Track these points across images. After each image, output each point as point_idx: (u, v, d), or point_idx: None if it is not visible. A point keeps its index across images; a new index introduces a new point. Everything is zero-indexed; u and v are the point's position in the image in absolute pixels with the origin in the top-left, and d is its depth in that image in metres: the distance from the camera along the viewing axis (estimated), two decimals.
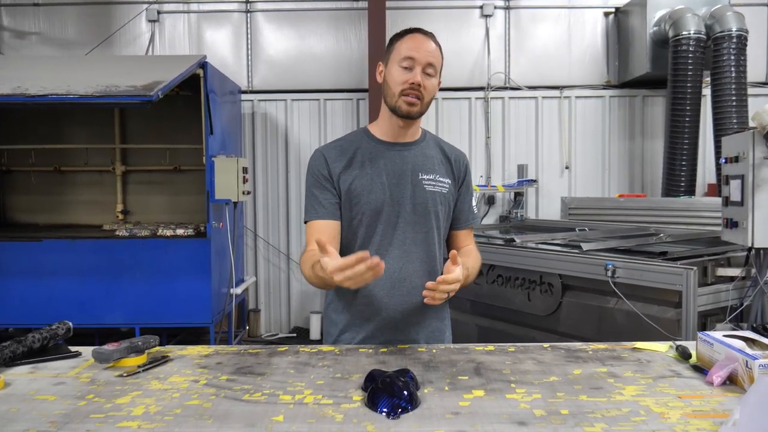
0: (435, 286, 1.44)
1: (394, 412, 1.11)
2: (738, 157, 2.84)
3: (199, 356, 1.52)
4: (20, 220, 5.86)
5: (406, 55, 1.62)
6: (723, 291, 2.85)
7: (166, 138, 5.56)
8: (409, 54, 1.61)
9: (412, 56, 1.61)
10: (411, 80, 1.61)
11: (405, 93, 1.62)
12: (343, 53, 6.06)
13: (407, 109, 1.64)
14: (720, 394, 1.21)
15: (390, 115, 1.69)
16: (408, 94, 1.62)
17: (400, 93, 1.63)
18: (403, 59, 1.62)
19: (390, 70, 1.66)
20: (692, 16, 5.05)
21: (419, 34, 1.66)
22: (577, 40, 6.06)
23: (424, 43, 1.63)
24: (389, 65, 1.67)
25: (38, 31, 6.10)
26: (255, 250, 6.09)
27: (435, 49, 1.65)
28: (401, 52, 1.63)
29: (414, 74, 1.61)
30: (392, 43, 1.69)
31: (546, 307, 3.32)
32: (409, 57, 1.61)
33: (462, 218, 1.82)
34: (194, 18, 6.11)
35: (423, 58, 1.61)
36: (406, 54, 1.62)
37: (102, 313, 4.57)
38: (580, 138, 6.05)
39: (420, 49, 1.62)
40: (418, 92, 1.62)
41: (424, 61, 1.61)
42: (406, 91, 1.62)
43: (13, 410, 1.15)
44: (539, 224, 4.98)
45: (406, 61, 1.62)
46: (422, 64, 1.61)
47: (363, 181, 1.68)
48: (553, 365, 1.42)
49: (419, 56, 1.61)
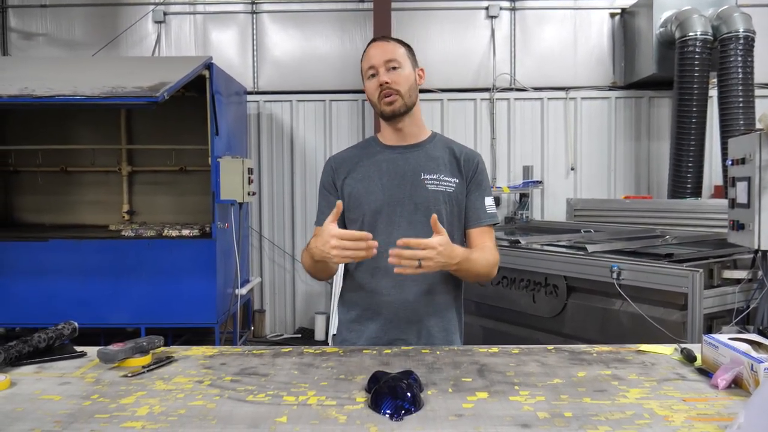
0: (398, 252, 1.48)
1: (397, 414, 1.11)
2: (744, 159, 2.83)
3: (204, 357, 1.53)
4: (27, 220, 5.89)
5: (366, 66, 1.74)
6: (729, 293, 2.84)
7: (171, 139, 5.58)
8: (367, 63, 1.73)
9: (371, 64, 1.72)
10: (377, 83, 1.70)
11: (380, 97, 1.71)
12: (348, 54, 6.06)
13: (389, 109, 1.72)
14: (725, 398, 1.21)
15: (385, 122, 1.79)
16: (382, 97, 1.71)
17: (377, 99, 1.72)
18: (367, 70, 1.74)
19: (365, 87, 1.77)
20: (699, 17, 5.03)
21: (374, 42, 1.78)
22: (582, 41, 6.04)
23: (377, 47, 1.74)
24: (364, 83, 1.77)
25: (45, 32, 6.14)
26: (260, 251, 6.10)
27: (389, 45, 1.74)
28: (363, 67, 1.75)
29: (378, 77, 1.70)
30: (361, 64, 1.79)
31: (551, 308, 3.32)
32: (369, 66, 1.72)
33: (472, 216, 1.79)
34: (200, 19, 6.13)
35: (379, 58, 1.71)
36: (366, 65, 1.74)
37: (107, 313, 4.58)
38: (586, 139, 6.04)
39: (374, 54, 1.72)
40: (390, 89, 1.69)
41: (381, 61, 1.70)
42: (380, 95, 1.71)
43: (19, 409, 1.16)
44: (544, 225, 4.98)
45: (369, 70, 1.73)
46: (381, 65, 1.70)
47: (363, 184, 1.75)
48: (557, 367, 1.42)
49: (376, 60, 1.71)
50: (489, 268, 1.75)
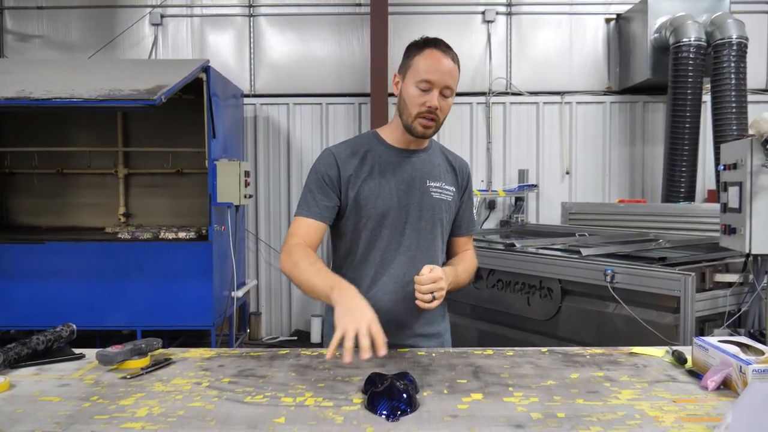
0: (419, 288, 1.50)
1: (393, 415, 1.13)
2: (736, 164, 2.86)
3: (202, 359, 1.54)
4: (23, 223, 5.88)
5: (424, 77, 1.58)
6: (721, 297, 2.87)
7: (168, 141, 5.59)
8: (427, 77, 1.58)
9: (430, 79, 1.57)
10: (428, 104, 1.59)
11: (421, 115, 1.61)
12: (345, 57, 6.09)
13: (422, 132, 1.64)
14: (714, 399, 1.23)
15: (403, 129, 1.68)
16: (424, 117, 1.61)
17: (416, 115, 1.61)
18: (421, 81, 1.58)
19: (407, 88, 1.63)
20: (693, 23, 5.07)
21: (438, 51, 1.60)
22: (578, 46, 6.08)
23: (443, 63, 1.59)
24: (406, 81, 1.64)
25: (42, 34, 6.14)
26: (256, 254, 6.11)
27: (453, 68, 1.61)
28: (419, 73, 1.59)
29: (431, 97, 1.59)
30: (410, 56, 1.64)
31: (545, 311, 3.34)
32: (427, 80, 1.58)
33: (464, 225, 1.86)
34: (197, 22, 6.14)
35: (441, 80, 1.58)
36: (425, 77, 1.58)
37: (104, 316, 4.58)
38: (581, 143, 6.07)
39: (438, 71, 1.58)
40: (434, 115, 1.61)
41: (442, 83, 1.58)
42: (422, 114, 1.60)
43: (19, 411, 1.17)
44: (539, 229, 5.00)
45: (424, 83, 1.58)
46: (440, 87, 1.59)
47: (372, 185, 1.67)
48: (550, 369, 1.44)
49: (437, 79, 1.58)
50: (471, 277, 1.82)
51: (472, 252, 1.89)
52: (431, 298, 1.51)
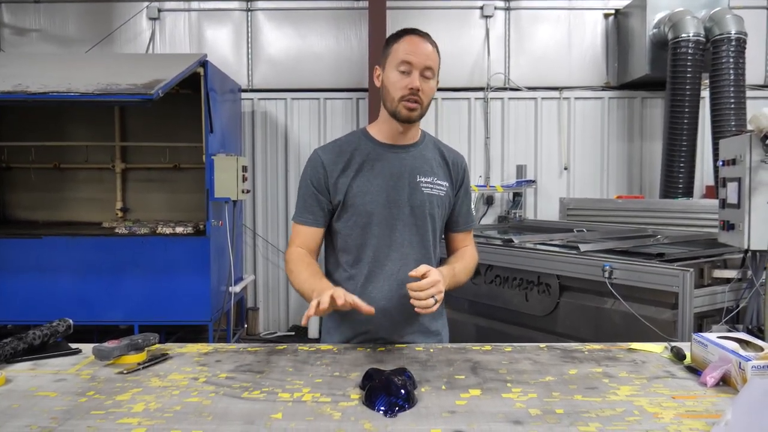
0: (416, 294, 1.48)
1: (391, 411, 1.12)
2: (735, 159, 2.85)
3: (199, 354, 1.53)
4: (20, 217, 5.87)
5: (403, 59, 1.60)
6: (719, 293, 2.86)
7: (166, 136, 5.57)
8: (406, 58, 1.59)
9: (409, 60, 1.59)
10: (410, 85, 1.59)
11: (404, 98, 1.61)
12: (343, 53, 6.07)
13: (407, 114, 1.63)
14: (713, 395, 1.23)
15: (389, 118, 1.68)
16: (408, 99, 1.61)
17: (399, 98, 1.61)
18: (401, 63, 1.60)
19: (388, 75, 1.64)
20: (691, 18, 5.06)
21: (415, 36, 1.63)
22: (576, 42, 6.07)
23: (421, 46, 1.61)
24: (387, 69, 1.65)
25: (39, 28, 6.11)
26: (254, 249, 6.10)
27: (432, 51, 1.63)
28: (398, 56, 1.61)
29: (412, 79, 1.59)
30: (389, 46, 1.66)
31: (543, 307, 3.34)
32: (407, 61, 1.59)
33: (461, 221, 1.84)
34: (195, 16, 6.11)
35: (420, 61, 1.59)
36: (404, 58, 1.60)
37: (101, 310, 4.57)
38: (579, 139, 6.07)
39: (417, 53, 1.60)
40: (417, 97, 1.61)
41: (421, 64, 1.60)
42: (405, 96, 1.60)
43: (15, 406, 1.17)
44: (537, 225, 4.99)
45: (404, 65, 1.60)
46: (420, 68, 1.60)
47: (360, 183, 1.67)
48: (549, 365, 1.43)
49: (417, 60, 1.59)
50: (470, 274, 1.80)
51: (472, 248, 1.87)
52: (432, 302, 1.49)
